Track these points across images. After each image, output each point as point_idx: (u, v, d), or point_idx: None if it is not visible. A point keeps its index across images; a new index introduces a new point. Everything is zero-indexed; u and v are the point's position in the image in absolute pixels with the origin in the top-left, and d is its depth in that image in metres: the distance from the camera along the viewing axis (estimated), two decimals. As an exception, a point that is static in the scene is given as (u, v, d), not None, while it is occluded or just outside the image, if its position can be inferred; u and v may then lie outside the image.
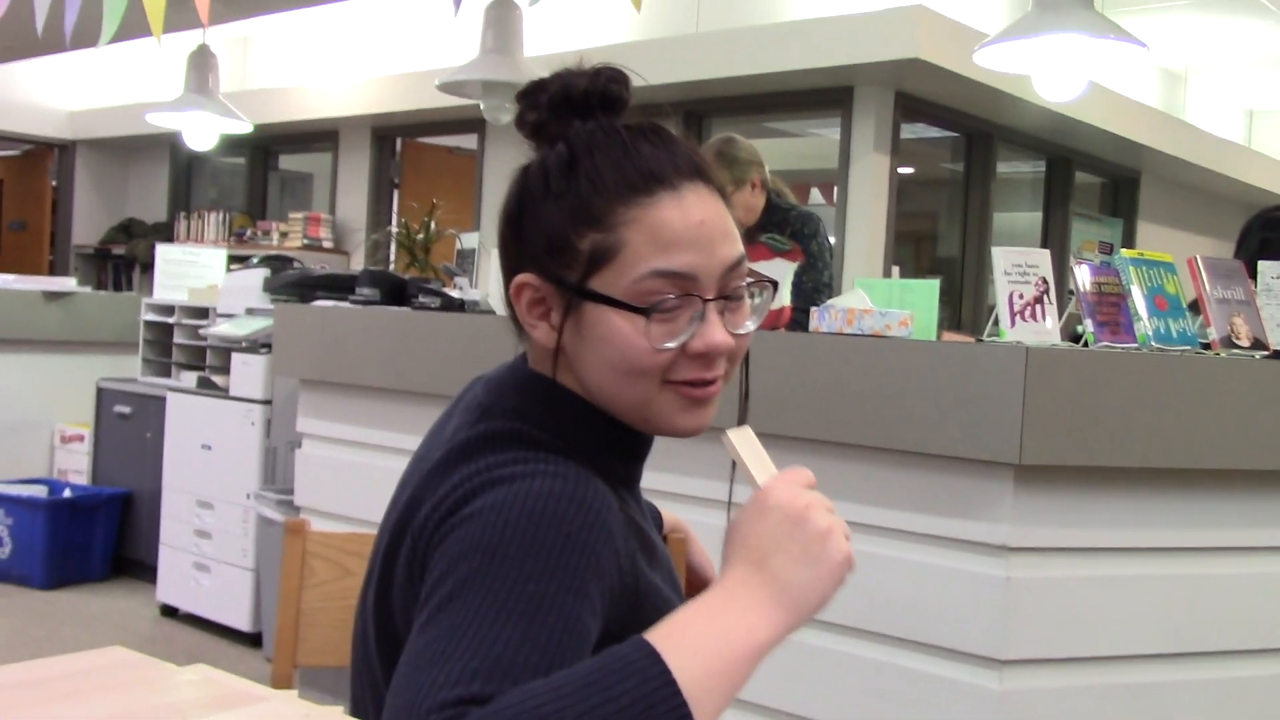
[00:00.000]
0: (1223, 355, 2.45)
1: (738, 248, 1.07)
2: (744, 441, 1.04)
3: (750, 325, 1.10)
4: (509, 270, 1.11)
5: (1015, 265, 2.46)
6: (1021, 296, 2.45)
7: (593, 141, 1.07)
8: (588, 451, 1.08)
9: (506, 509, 0.96)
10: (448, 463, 1.06)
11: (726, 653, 0.89)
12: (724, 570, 0.97)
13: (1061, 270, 6.38)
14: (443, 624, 0.89)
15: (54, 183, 9.66)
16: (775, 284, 1.13)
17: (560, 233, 1.05)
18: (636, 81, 1.13)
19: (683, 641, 0.88)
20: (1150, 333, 2.43)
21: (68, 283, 6.14)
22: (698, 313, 1.04)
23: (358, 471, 3.48)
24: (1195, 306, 2.59)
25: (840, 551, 0.97)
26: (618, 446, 1.12)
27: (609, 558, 0.98)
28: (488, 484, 0.99)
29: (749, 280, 1.09)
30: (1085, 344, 2.43)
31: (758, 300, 1.11)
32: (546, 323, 1.08)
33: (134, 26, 4.23)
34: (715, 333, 1.05)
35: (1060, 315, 2.50)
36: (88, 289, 6.42)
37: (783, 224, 3.68)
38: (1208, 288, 2.55)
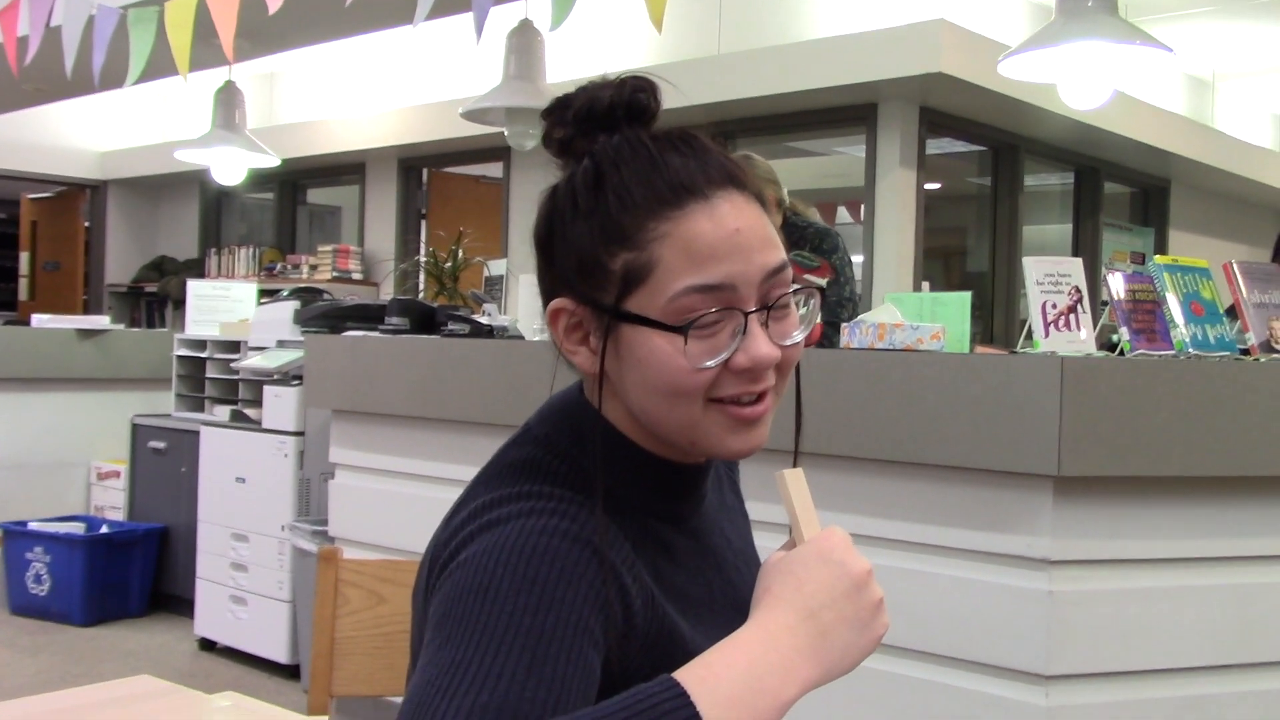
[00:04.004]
0: (1262, 360, 2.41)
1: (779, 255, 1.01)
2: (797, 486, 1.00)
3: (798, 336, 1.04)
4: (545, 295, 1.07)
5: (1047, 275, 2.43)
6: (1055, 306, 2.42)
7: (619, 156, 1.02)
8: (618, 485, 1.04)
9: (498, 550, 0.93)
10: (471, 490, 1.06)
11: (759, 704, 0.86)
12: (768, 610, 0.93)
13: (1094, 281, 6.33)
14: (443, 661, 0.87)
15: (86, 223, 9.77)
16: (823, 290, 1.08)
17: (591, 253, 1.00)
18: (664, 96, 1.09)
19: (716, 686, 0.85)
20: (1187, 339, 2.40)
21: (101, 321, 6.20)
22: (739, 327, 0.98)
23: (392, 500, 3.48)
24: (1232, 312, 2.56)
25: (884, 625, 0.95)
26: (653, 481, 1.08)
27: (615, 594, 0.95)
28: (484, 527, 0.97)
29: (794, 288, 1.03)
30: (1121, 353, 2.39)
31: (804, 310, 1.05)
32: (586, 348, 1.04)
33: (161, 66, 4.27)
34: (759, 345, 0.99)
35: (1094, 326, 2.46)
36: (121, 326, 6.47)
37: (800, 241, 3.66)
38: (1244, 292, 2.51)
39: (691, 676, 0.85)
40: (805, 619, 0.92)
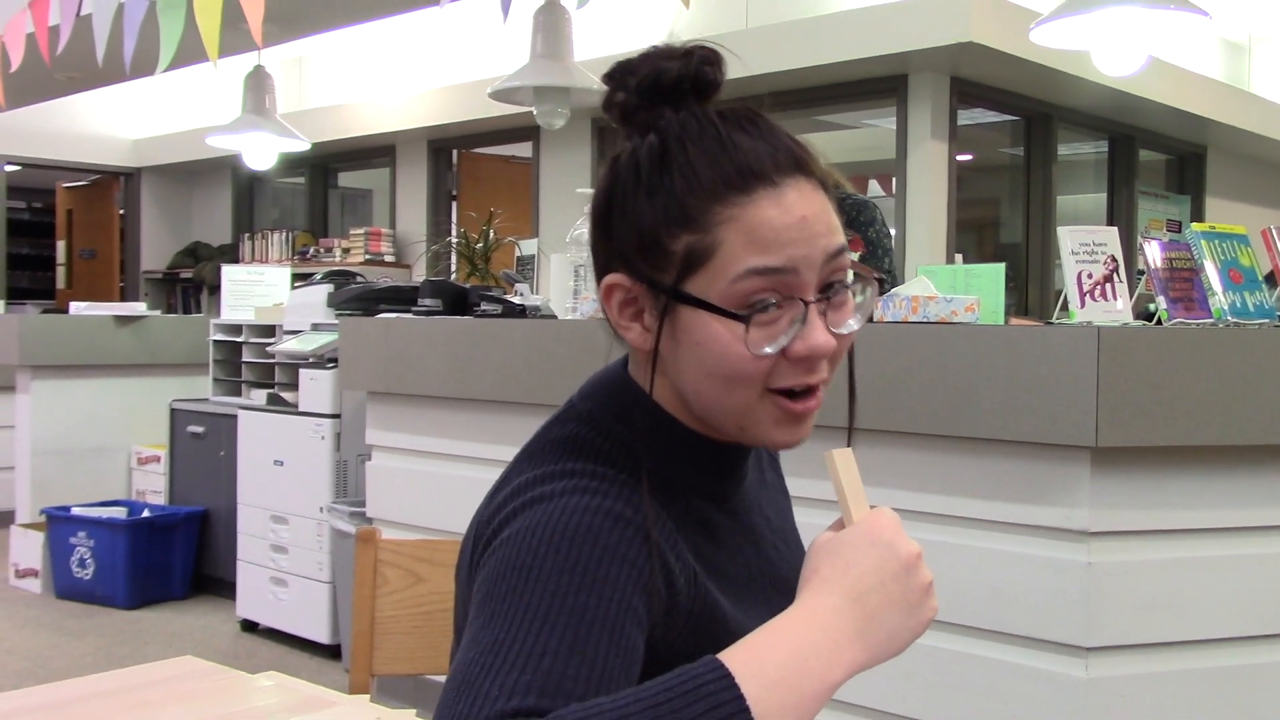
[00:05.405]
0: (1303, 327, 2.38)
1: (839, 239, 1.00)
2: (846, 466, 1.00)
3: (853, 324, 1.03)
4: (599, 268, 1.05)
5: (1083, 244, 2.41)
6: (1090, 276, 2.40)
7: (686, 133, 1.00)
8: (661, 463, 1.04)
9: (540, 528, 0.93)
10: (514, 466, 1.06)
11: (805, 687, 0.85)
12: (814, 592, 0.92)
13: (1130, 250, 6.26)
14: (486, 640, 0.88)
15: (121, 210, 9.85)
16: (881, 280, 1.06)
17: (652, 232, 0.98)
18: (730, 65, 1.05)
19: (761, 669, 0.84)
20: (1226, 307, 2.37)
21: (138, 307, 6.25)
22: (799, 315, 0.97)
23: (428, 481, 3.50)
24: (1272, 279, 2.53)
25: (933, 609, 0.94)
26: (697, 461, 1.07)
27: (659, 573, 0.95)
28: (527, 504, 0.97)
29: (851, 276, 1.02)
30: (1159, 322, 2.37)
31: (860, 298, 1.04)
32: (639, 324, 1.02)
33: (190, 52, 4.29)
34: (817, 335, 0.98)
35: (1130, 295, 2.44)
36: (157, 313, 6.53)
37: (838, 213, 3.63)
38: (1284, 259, 2.48)
39: (736, 658, 0.85)
40: (852, 602, 0.91)
